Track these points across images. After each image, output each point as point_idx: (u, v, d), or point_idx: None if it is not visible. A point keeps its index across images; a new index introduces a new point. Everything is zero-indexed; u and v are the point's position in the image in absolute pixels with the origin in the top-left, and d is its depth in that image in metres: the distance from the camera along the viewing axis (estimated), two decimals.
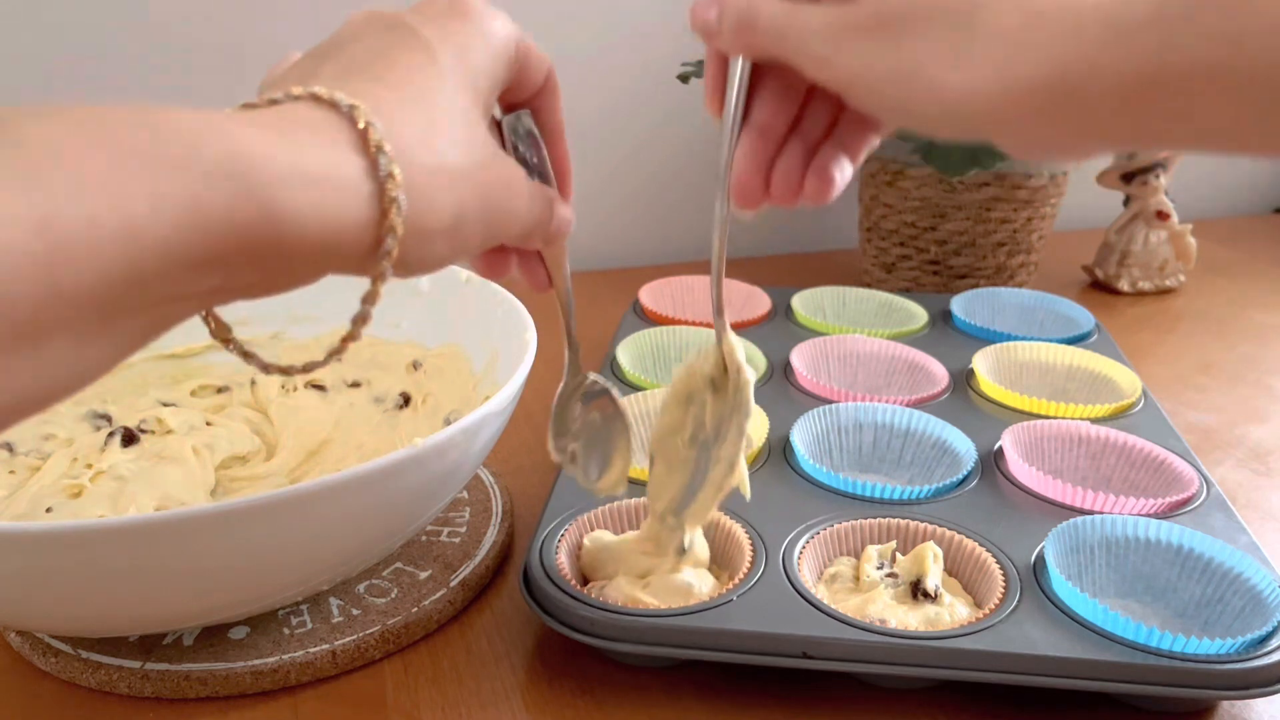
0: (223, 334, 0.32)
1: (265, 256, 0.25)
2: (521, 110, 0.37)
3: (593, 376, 0.44)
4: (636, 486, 0.51)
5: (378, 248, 0.28)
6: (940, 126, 0.32)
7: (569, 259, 0.41)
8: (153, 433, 0.55)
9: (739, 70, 0.36)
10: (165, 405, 0.57)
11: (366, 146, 0.27)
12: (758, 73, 0.37)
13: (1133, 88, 0.28)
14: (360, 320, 0.31)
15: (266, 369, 0.33)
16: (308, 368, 0.34)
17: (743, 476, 0.42)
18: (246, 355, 0.33)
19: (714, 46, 0.37)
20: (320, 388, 0.59)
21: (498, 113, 0.37)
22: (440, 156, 0.29)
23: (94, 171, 0.22)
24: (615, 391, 0.44)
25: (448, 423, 0.49)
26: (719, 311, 0.42)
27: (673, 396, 0.44)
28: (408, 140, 0.28)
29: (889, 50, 0.31)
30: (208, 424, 0.56)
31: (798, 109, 0.38)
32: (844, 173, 0.38)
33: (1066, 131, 0.30)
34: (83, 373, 0.24)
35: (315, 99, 0.27)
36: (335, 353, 0.33)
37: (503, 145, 0.37)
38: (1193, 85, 0.27)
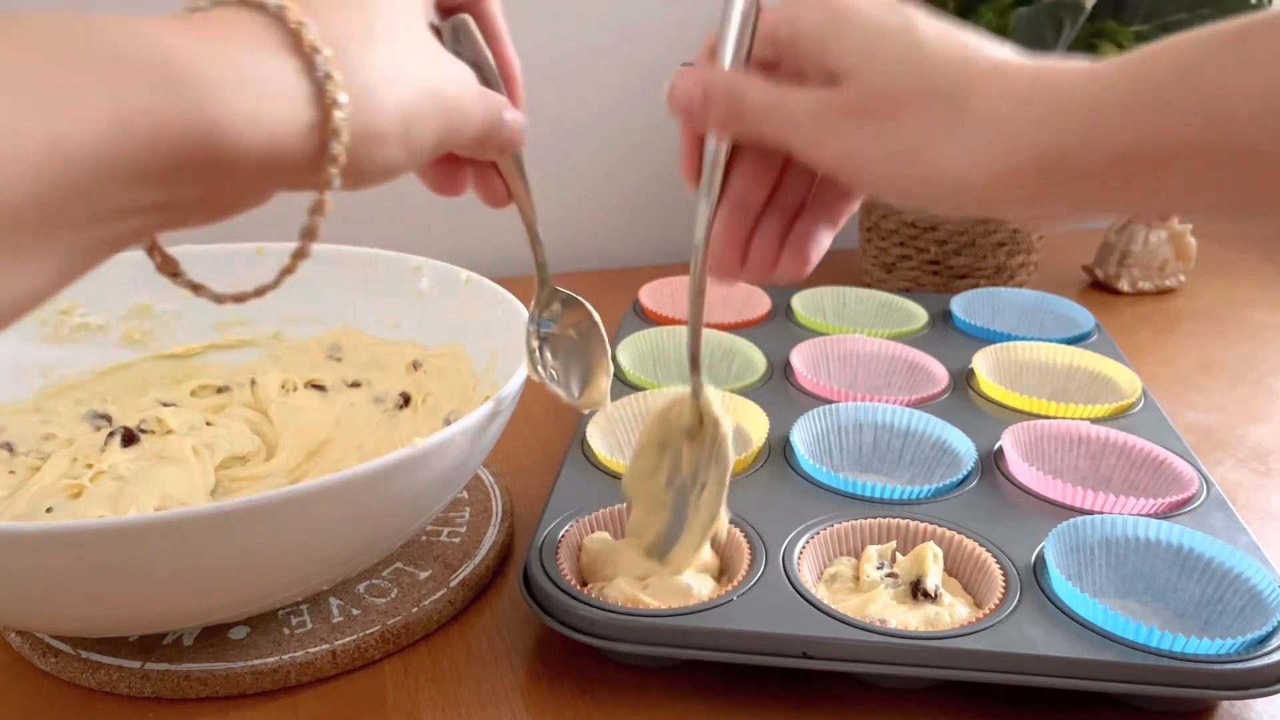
0: (169, 268, 0.31)
1: (204, 167, 0.24)
2: (459, 15, 0.36)
3: (565, 291, 0.44)
4: None
5: (323, 154, 0.27)
6: (939, 206, 0.32)
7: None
8: (153, 433, 0.55)
9: (718, 150, 0.36)
10: (165, 405, 0.57)
11: (300, 46, 0.26)
12: (734, 146, 0.37)
13: (1114, 163, 0.29)
14: (308, 234, 0.30)
15: (219, 299, 0.32)
16: (259, 291, 0.33)
17: (723, 525, 0.43)
18: (196, 287, 0.32)
19: (696, 129, 0.36)
20: (320, 388, 0.59)
21: (436, 20, 0.36)
22: (382, 55, 0.28)
23: (16, 80, 0.21)
24: (588, 304, 0.44)
25: (448, 423, 0.49)
26: (695, 368, 0.42)
27: (647, 442, 0.44)
28: (345, 40, 0.27)
29: (882, 135, 0.31)
30: (208, 424, 0.56)
31: (774, 181, 0.37)
32: (820, 247, 0.38)
33: (1059, 205, 0.30)
34: (22, 295, 0.23)
35: (243, 3, 0.26)
36: (287, 270, 0.32)
37: None
38: (1170, 159, 0.28)
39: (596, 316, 0.44)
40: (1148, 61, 0.29)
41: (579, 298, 0.44)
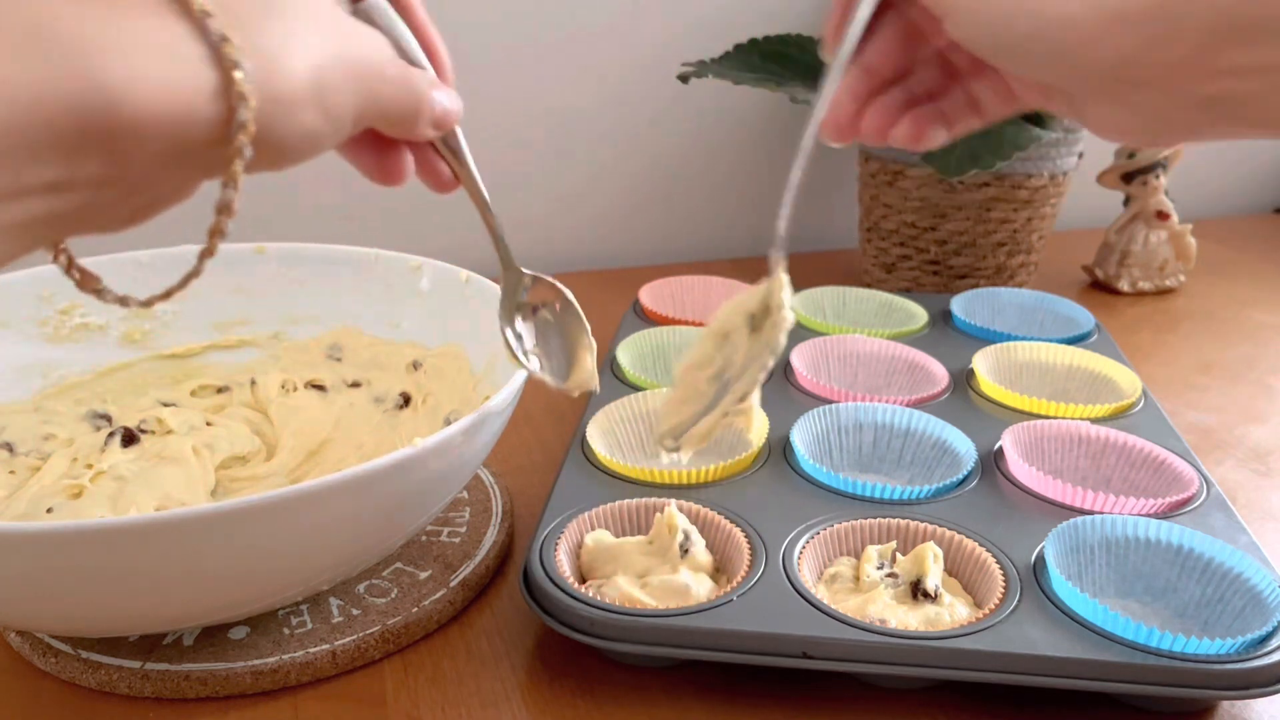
0: (91, 284, 0.30)
1: (103, 137, 0.23)
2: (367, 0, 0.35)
3: (531, 273, 0.43)
4: (635, 486, 0.51)
5: (230, 121, 0.26)
6: (1042, 59, 0.32)
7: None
8: (153, 433, 0.55)
9: (865, 6, 0.37)
10: (165, 405, 0.57)
11: (189, 10, 0.25)
12: (876, 20, 0.38)
13: (1232, 25, 0.28)
14: (222, 209, 0.28)
15: (124, 301, 0.31)
16: (168, 294, 0.31)
17: (751, 414, 0.41)
18: (122, 300, 0.31)
19: None
20: (320, 388, 0.59)
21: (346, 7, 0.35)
22: (284, 21, 0.27)
23: None
24: (558, 283, 0.44)
25: (448, 423, 0.49)
26: (778, 245, 0.42)
27: (710, 331, 0.43)
28: (242, 7, 0.26)
29: None
30: (208, 424, 0.56)
31: (908, 66, 0.39)
32: (938, 133, 0.39)
33: (1164, 68, 0.29)
34: None
35: None
36: (206, 253, 0.30)
37: None
38: (1266, 31, 0.27)
39: (569, 294, 0.43)
40: None
41: (547, 277, 0.43)
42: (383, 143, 0.37)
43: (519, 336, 0.43)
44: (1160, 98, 0.31)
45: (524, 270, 0.43)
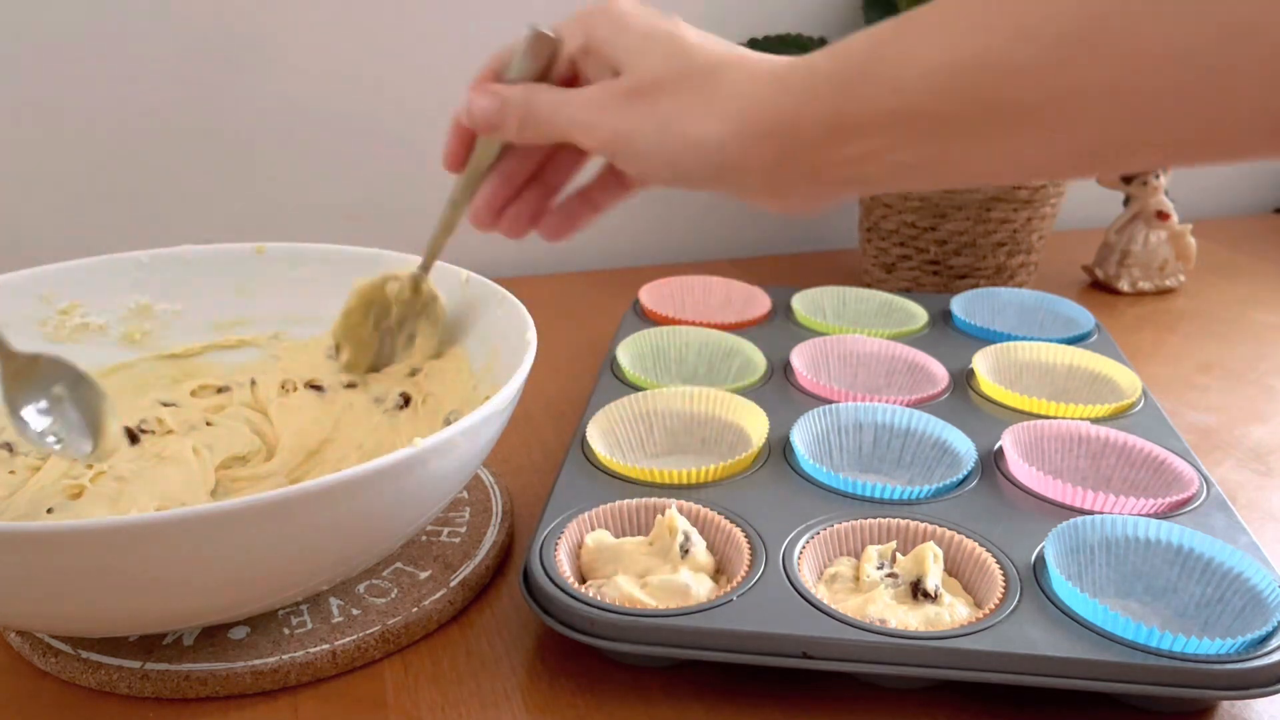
0: None
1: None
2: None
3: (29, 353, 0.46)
4: (635, 486, 0.51)
5: None
6: (695, 175, 0.37)
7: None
8: (153, 433, 0.55)
9: (490, 148, 0.44)
10: (165, 405, 0.57)
11: None
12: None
13: (830, 130, 0.34)
14: None
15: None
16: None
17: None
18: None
19: (500, 137, 0.42)
20: (319, 388, 0.59)
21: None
22: None
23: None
24: (63, 358, 0.47)
25: (448, 423, 0.49)
26: (426, 268, 0.55)
27: (356, 303, 0.56)
28: None
29: (649, 111, 0.37)
30: (208, 424, 0.56)
31: (541, 163, 0.45)
32: (578, 221, 0.46)
33: (797, 170, 0.36)
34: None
35: None
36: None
37: None
38: (869, 125, 0.33)
39: (79, 367, 0.47)
40: (860, 39, 0.34)
41: (50, 355, 0.46)
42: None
43: (27, 425, 0.45)
44: (810, 188, 0.37)
45: (18, 353, 0.45)
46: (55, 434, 0.44)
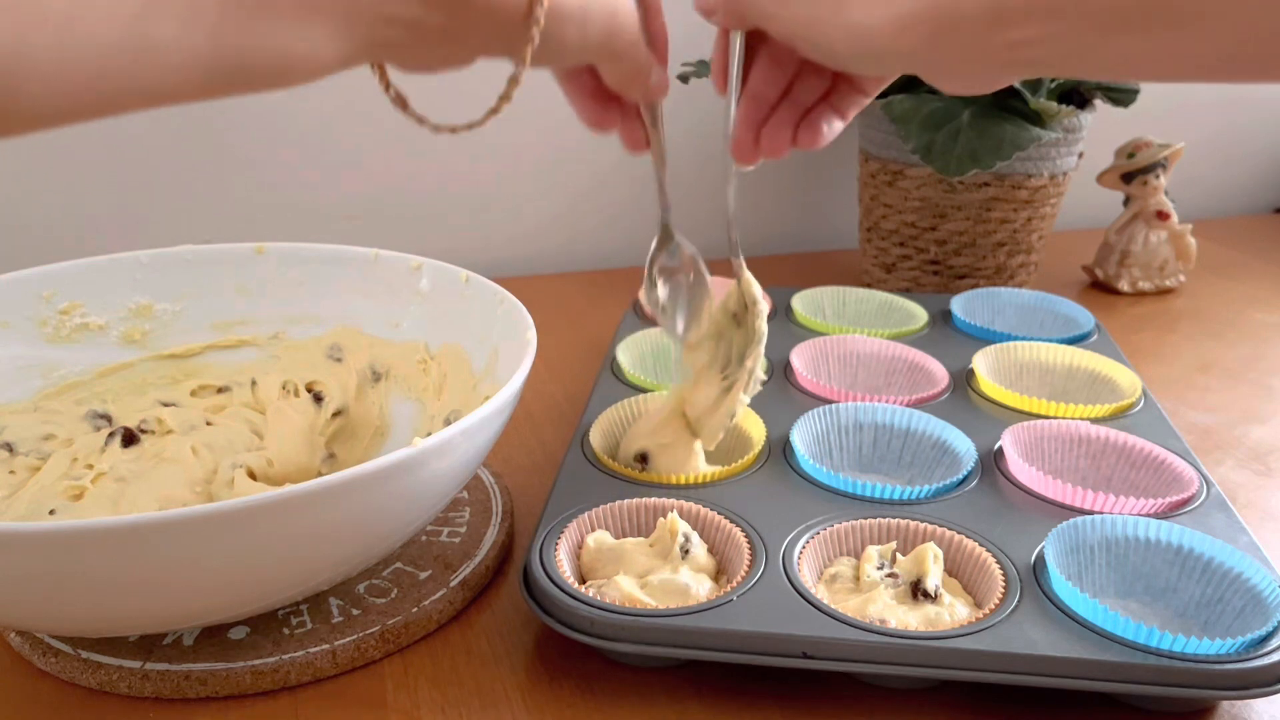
0: (401, 103, 0.39)
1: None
2: None
3: (680, 238, 0.52)
4: (635, 486, 0.51)
5: (530, 15, 0.34)
6: (858, 60, 0.39)
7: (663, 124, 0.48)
8: (153, 433, 0.55)
9: (737, 45, 0.44)
10: (165, 405, 0.57)
11: None
12: (753, 52, 0.45)
13: (993, 15, 0.34)
14: (512, 81, 0.37)
15: (436, 128, 0.39)
16: (470, 126, 0.38)
17: (739, 397, 0.52)
18: (420, 119, 0.39)
19: (714, 22, 0.44)
20: (320, 398, 0.59)
21: None
22: None
23: None
24: (700, 258, 0.52)
25: (448, 423, 0.49)
26: (736, 252, 0.51)
27: (705, 334, 0.52)
28: None
29: (821, 2, 0.38)
30: (208, 424, 0.56)
31: (788, 80, 0.46)
32: (831, 127, 0.46)
33: (955, 54, 0.36)
34: (299, 56, 0.30)
35: None
36: (493, 111, 0.38)
37: None
38: (1036, 13, 0.33)
39: (704, 267, 0.52)
40: None
41: (691, 247, 0.52)
42: (604, 96, 0.44)
43: (656, 283, 0.52)
44: (975, 69, 0.37)
45: (679, 237, 0.52)
46: (663, 305, 0.51)
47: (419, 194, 0.92)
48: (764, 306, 0.51)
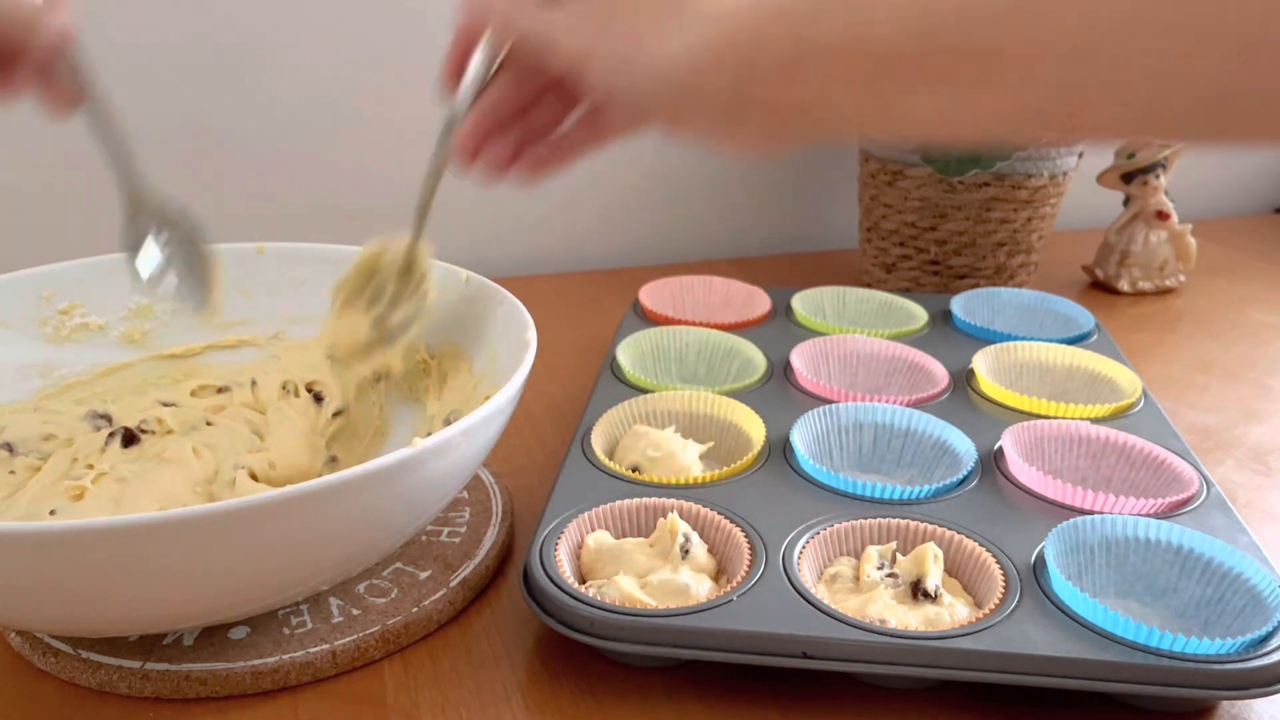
0: None
1: None
2: None
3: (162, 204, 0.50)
4: (635, 486, 0.51)
5: None
6: (653, 98, 0.36)
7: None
8: (153, 433, 0.55)
9: (481, 55, 0.42)
10: (165, 405, 0.57)
11: None
12: (500, 64, 0.42)
13: (792, 57, 0.33)
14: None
15: None
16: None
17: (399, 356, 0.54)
18: None
19: (474, 26, 0.42)
20: (320, 398, 0.58)
21: None
22: None
23: None
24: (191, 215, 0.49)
25: (448, 423, 0.49)
26: (419, 230, 0.52)
27: (358, 268, 0.54)
28: None
29: (619, 30, 0.36)
30: (208, 424, 0.56)
31: (526, 103, 0.43)
32: (548, 168, 0.44)
33: (751, 102, 0.34)
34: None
35: None
36: None
37: None
38: (833, 56, 0.32)
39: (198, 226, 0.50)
40: None
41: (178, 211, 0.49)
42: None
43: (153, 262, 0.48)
44: (762, 124, 0.35)
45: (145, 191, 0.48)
46: (169, 280, 0.48)
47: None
48: (431, 279, 0.53)
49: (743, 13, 0.34)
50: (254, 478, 0.52)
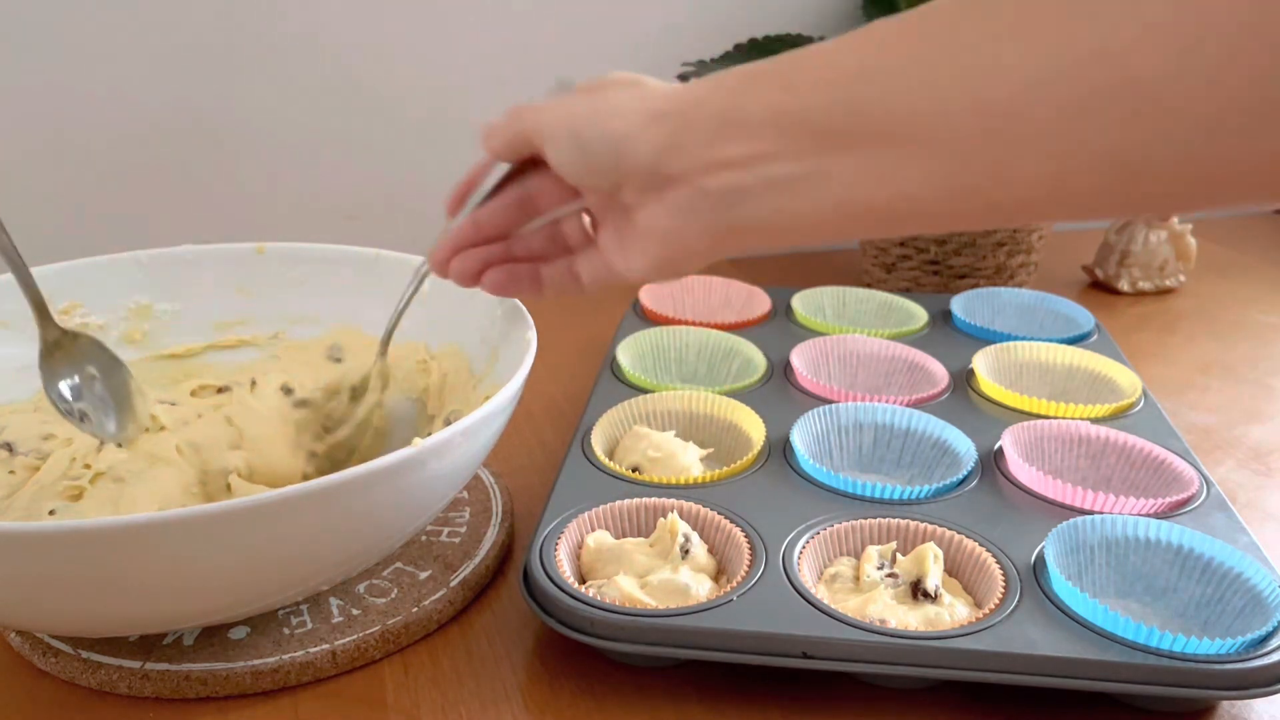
0: None
1: None
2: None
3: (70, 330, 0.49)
4: (635, 486, 0.51)
5: None
6: (605, 160, 0.38)
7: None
8: (148, 431, 0.54)
9: (491, 179, 0.45)
10: (163, 404, 0.57)
11: None
12: (497, 189, 0.45)
13: (721, 122, 0.35)
14: None
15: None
16: None
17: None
18: None
19: (491, 151, 0.44)
20: (290, 391, 0.59)
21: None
22: None
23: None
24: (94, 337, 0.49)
25: (448, 423, 0.49)
26: (386, 342, 0.53)
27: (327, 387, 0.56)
28: None
29: (582, 114, 0.39)
30: (198, 416, 0.56)
31: (513, 226, 0.46)
32: (524, 289, 0.47)
33: (680, 166, 0.37)
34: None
35: None
36: None
37: None
38: (759, 123, 0.35)
39: (109, 348, 0.50)
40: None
41: (84, 333, 0.49)
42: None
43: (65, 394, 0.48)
44: (686, 195, 0.37)
45: (58, 327, 0.48)
46: (83, 412, 0.47)
47: (419, 194, 0.92)
48: (382, 412, 0.54)
49: (685, 88, 0.38)
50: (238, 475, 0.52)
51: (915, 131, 0.31)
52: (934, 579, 0.44)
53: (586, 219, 0.45)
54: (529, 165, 0.44)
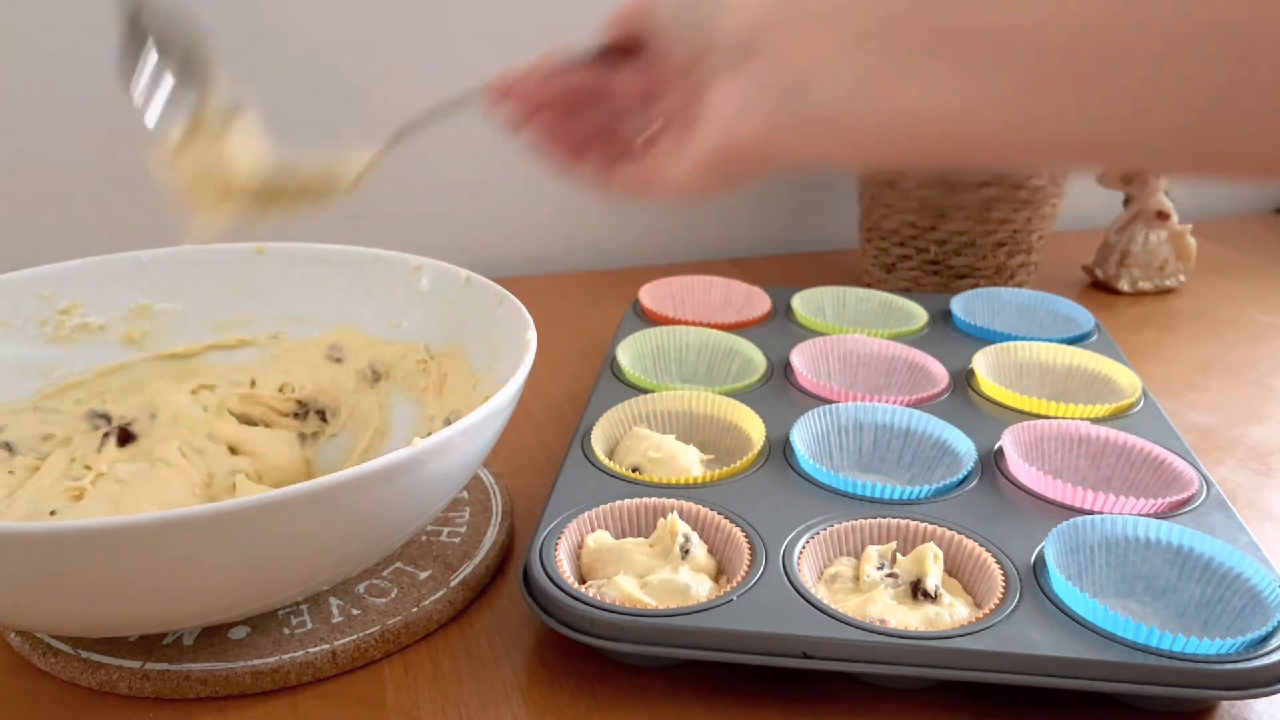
0: None
1: None
2: None
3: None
4: (635, 486, 0.51)
5: None
6: (705, 25, 0.39)
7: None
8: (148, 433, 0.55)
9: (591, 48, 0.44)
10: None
11: None
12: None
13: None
14: None
15: None
16: None
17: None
18: None
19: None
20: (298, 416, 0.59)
21: None
22: None
23: None
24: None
25: (448, 423, 0.49)
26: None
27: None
28: None
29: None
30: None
31: (577, 104, 0.46)
32: (554, 150, 0.47)
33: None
34: None
35: None
36: None
37: None
38: (821, 20, 0.34)
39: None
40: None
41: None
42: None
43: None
44: (766, 69, 0.36)
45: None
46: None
47: (419, 194, 0.92)
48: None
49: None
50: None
51: (1003, 42, 0.30)
52: (934, 579, 0.44)
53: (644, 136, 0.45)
54: (619, 56, 0.45)
